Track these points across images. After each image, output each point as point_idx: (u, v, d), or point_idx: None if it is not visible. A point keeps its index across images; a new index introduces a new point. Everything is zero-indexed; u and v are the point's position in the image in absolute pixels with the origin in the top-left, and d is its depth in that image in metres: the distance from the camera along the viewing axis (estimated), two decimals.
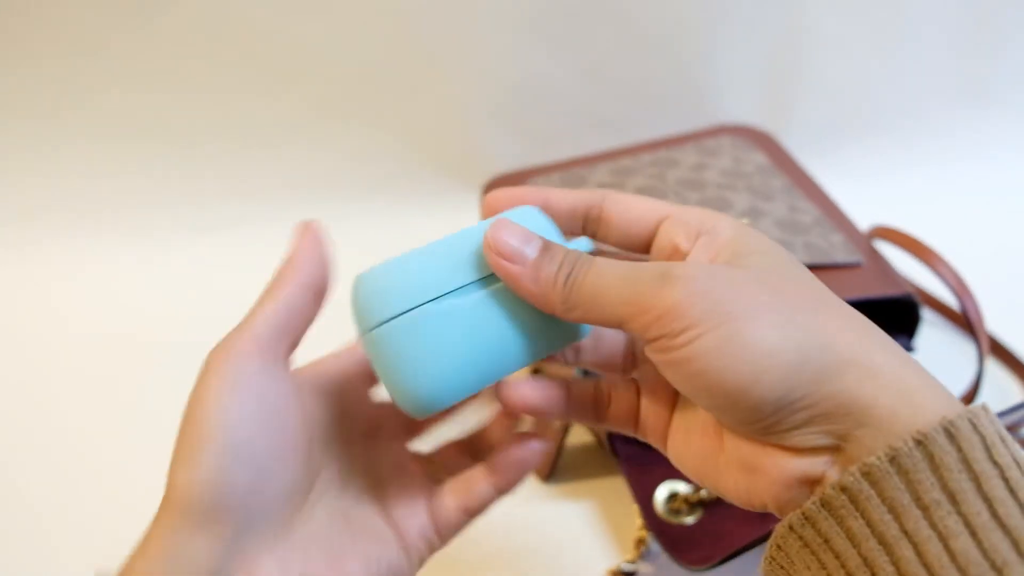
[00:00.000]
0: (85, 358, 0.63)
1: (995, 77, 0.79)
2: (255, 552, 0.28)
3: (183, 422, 0.28)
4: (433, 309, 0.28)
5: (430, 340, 0.28)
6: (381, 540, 0.31)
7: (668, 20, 0.72)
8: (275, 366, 0.29)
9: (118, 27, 0.67)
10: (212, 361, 0.28)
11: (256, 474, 0.27)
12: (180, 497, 0.27)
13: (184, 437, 0.28)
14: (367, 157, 0.76)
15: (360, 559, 0.30)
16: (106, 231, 0.73)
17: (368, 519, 0.32)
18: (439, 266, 0.29)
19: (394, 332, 0.28)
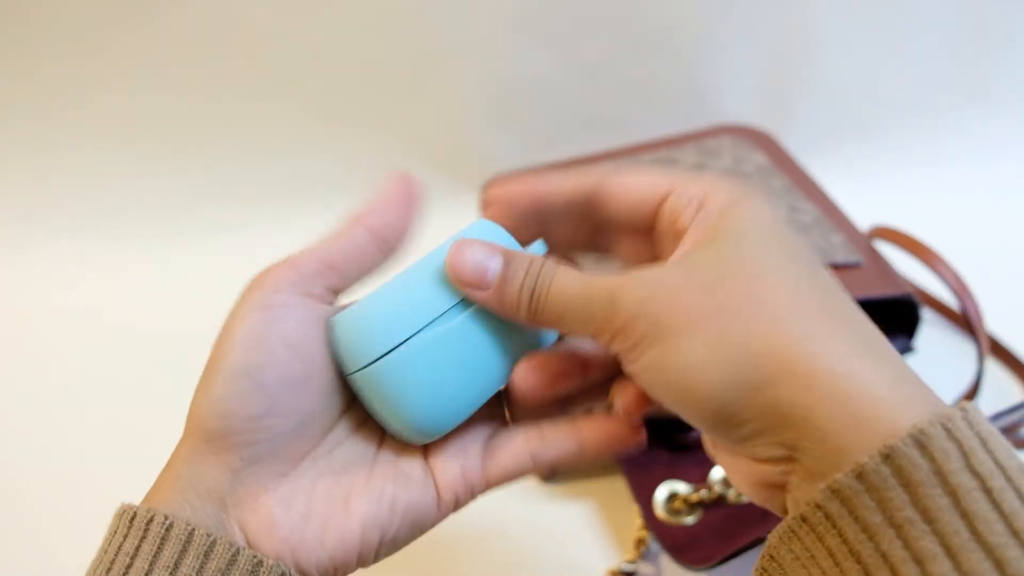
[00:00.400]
0: (87, 359, 0.63)
1: (995, 77, 0.79)
2: (261, 485, 0.28)
3: (210, 353, 0.28)
4: (420, 341, 0.28)
5: (423, 371, 0.28)
6: (404, 480, 0.29)
7: (668, 20, 0.72)
8: (309, 298, 0.29)
9: (118, 29, 0.67)
10: (247, 287, 0.29)
11: (265, 404, 0.27)
12: (192, 422, 0.28)
13: (205, 369, 0.28)
14: (367, 157, 0.76)
15: (369, 498, 0.29)
16: (106, 233, 0.73)
17: (398, 459, 0.30)
18: (416, 297, 0.29)
19: (385, 370, 0.28)
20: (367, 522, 0.28)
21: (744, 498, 0.49)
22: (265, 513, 0.28)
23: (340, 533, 0.28)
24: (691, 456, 0.51)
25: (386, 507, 0.29)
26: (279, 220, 0.75)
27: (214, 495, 0.27)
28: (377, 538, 0.29)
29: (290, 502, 0.28)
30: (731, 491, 0.49)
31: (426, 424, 0.29)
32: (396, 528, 0.29)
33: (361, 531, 0.28)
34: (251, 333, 0.27)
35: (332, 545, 0.28)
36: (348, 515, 0.28)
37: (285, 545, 0.27)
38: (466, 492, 0.30)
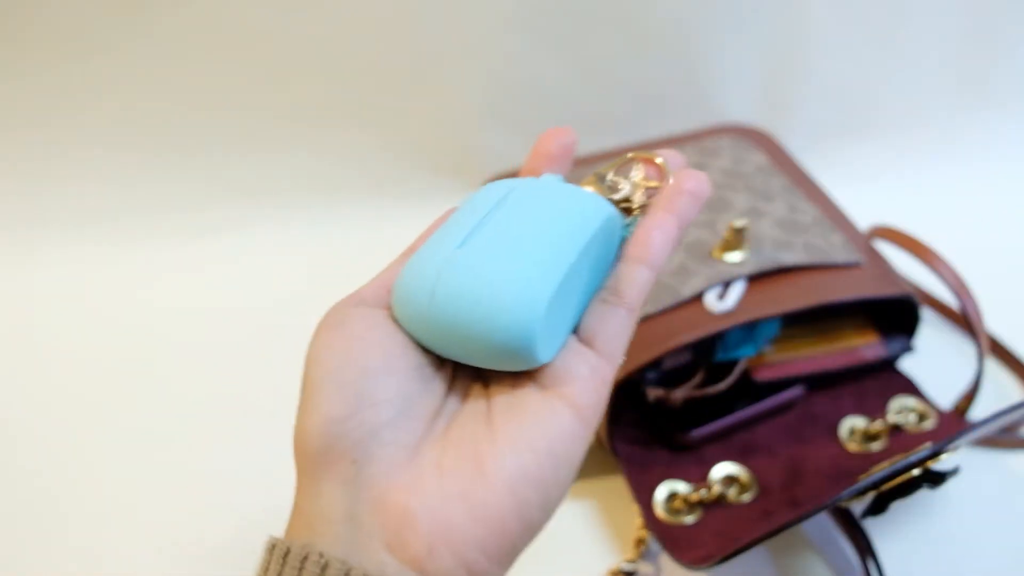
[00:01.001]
0: (87, 359, 0.63)
1: (995, 77, 0.79)
2: (383, 484, 0.26)
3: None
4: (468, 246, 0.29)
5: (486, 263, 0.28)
6: (532, 417, 0.27)
7: (668, 20, 0.72)
8: (380, 309, 0.29)
9: (119, 30, 0.67)
10: (319, 327, 0.29)
11: (353, 400, 0.26)
12: (296, 456, 0.27)
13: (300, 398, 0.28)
14: (367, 157, 0.76)
15: (502, 454, 0.26)
16: (106, 234, 0.73)
17: (514, 402, 0.28)
18: (442, 234, 0.30)
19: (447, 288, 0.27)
20: (514, 479, 0.26)
21: (744, 497, 0.49)
22: (398, 510, 0.26)
23: (488, 502, 0.26)
24: (691, 456, 0.51)
25: (526, 455, 0.26)
26: (279, 220, 0.75)
27: (340, 514, 0.26)
28: (531, 491, 0.26)
29: (421, 490, 0.26)
30: (731, 491, 0.49)
31: (512, 324, 0.27)
32: (550, 472, 0.26)
33: (510, 491, 0.26)
34: (322, 347, 0.27)
35: (485, 517, 0.26)
36: (488, 481, 0.26)
37: (433, 536, 0.25)
38: (596, 383, 0.28)
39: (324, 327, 0.28)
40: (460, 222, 0.29)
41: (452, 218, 0.30)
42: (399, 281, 0.29)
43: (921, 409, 0.54)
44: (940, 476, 0.42)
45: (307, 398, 0.27)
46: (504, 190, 0.31)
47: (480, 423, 0.28)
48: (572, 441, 0.27)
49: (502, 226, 0.29)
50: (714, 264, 0.51)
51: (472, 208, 0.30)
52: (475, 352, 0.28)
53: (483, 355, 0.28)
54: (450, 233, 0.29)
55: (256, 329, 0.65)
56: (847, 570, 0.48)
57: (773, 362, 0.53)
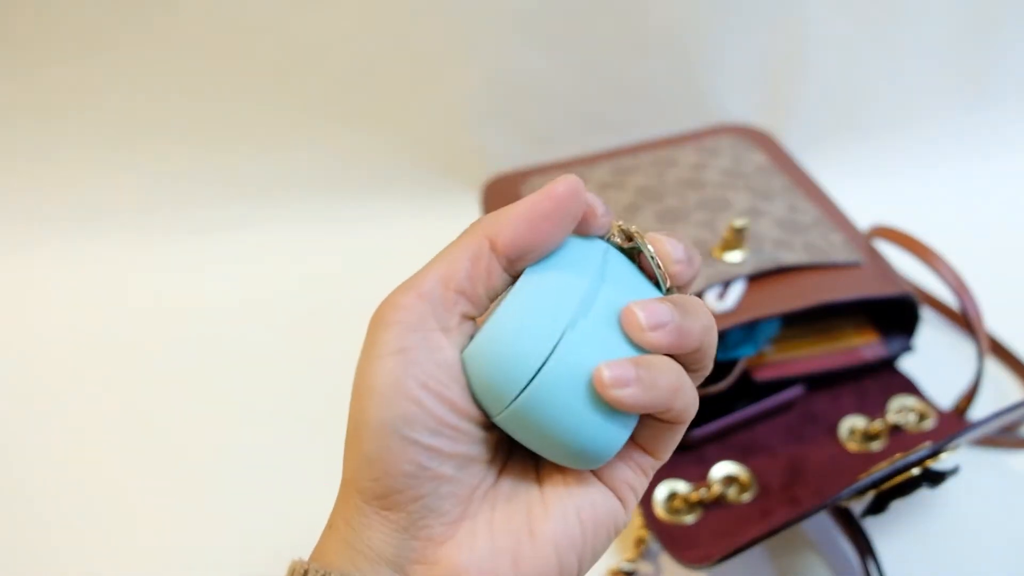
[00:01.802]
0: (87, 359, 0.63)
1: (995, 77, 0.79)
2: (436, 536, 0.26)
3: (350, 403, 0.26)
4: (556, 361, 0.25)
5: (571, 391, 0.25)
6: (581, 492, 0.27)
7: (668, 20, 0.72)
8: (443, 332, 0.26)
9: (118, 29, 0.67)
10: (375, 321, 0.26)
11: (421, 456, 0.25)
12: (349, 482, 0.26)
13: (349, 423, 0.26)
14: (367, 157, 0.76)
15: (554, 520, 0.27)
16: (106, 232, 0.73)
17: (565, 472, 0.28)
18: (539, 311, 0.26)
19: (529, 404, 0.25)
20: (560, 544, 0.27)
21: (744, 497, 0.49)
22: (449, 563, 0.26)
23: (535, 563, 0.26)
24: (690, 455, 0.51)
25: (574, 524, 0.27)
26: (280, 219, 0.75)
27: (386, 558, 0.26)
28: (575, 558, 0.27)
29: (472, 545, 0.26)
30: (731, 490, 0.49)
31: (595, 444, 0.26)
32: (591, 542, 0.27)
33: (556, 555, 0.26)
34: (390, 382, 0.25)
35: (537, 564, 0.26)
36: (537, 542, 0.26)
37: None
38: (640, 477, 0.28)
39: (389, 350, 0.25)
40: (561, 287, 0.26)
41: (548, 275, 0.26)
42: (489, 338, 0.26)
43: (921, 409, 0.54)
44: (940, 475, 0.42)
45: (365, 432, 0.25)
46: (599, 254, 0.28)
47: (532, 481, 0.28)
48: (614, 518, 0.28)
49: (604, 313, 0.26)
50: (714, 264, 0.51)
51: (573, 268, 0.27)
52: (546, 454, 0.27)
53: (552, 450, 0.27)
54: (551, 303, 0.26)
55: (256, 328, 0.65)
56: (847, 570, 0.48)
57: (773, 362, 0.53)
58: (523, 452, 0.29)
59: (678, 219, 0.55)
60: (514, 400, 0.25)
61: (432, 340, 0.26)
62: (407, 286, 0.26)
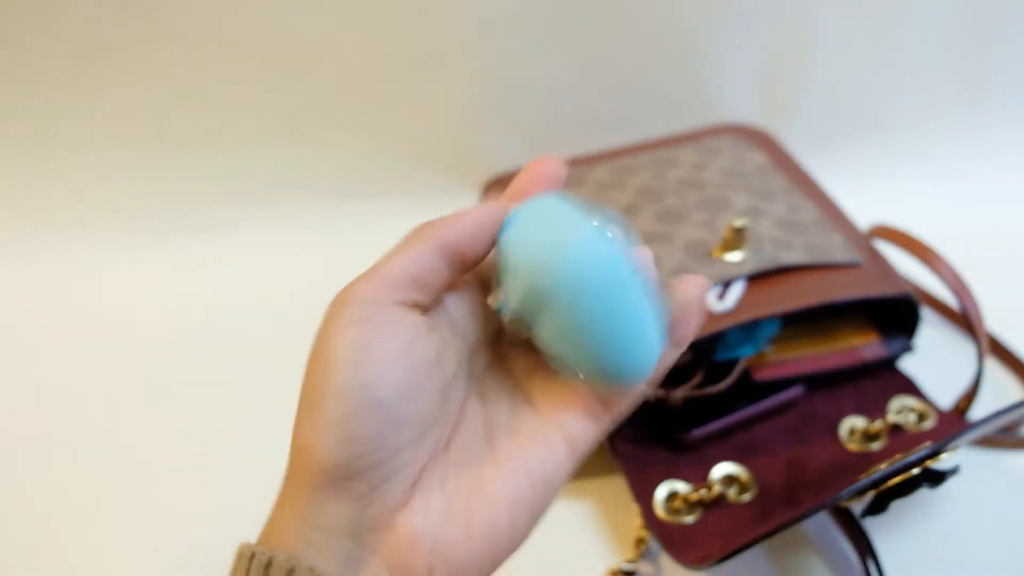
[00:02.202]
0: (87, 359, 0.63)
1: (995, 77, 0.79)
2: (393, 504, 0.26)
3: (305, 376, 0.26)
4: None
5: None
6: (532, 446, 0.29)
7: (668, 20, 0.72)
8: (403, 307, 0.27)
9: (118, 31, 0.67)
10: (335, 303, 0.27)
11: (387, 421, 0.26)
12: (304, 457, 0.26)
13: (305, 394, 0.26)
14: (367, 157, 0.76)
15: (504, 478, 0.28)
16: (106, 233, 0.73)
17: (515, 430, 0.29)
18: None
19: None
20: (512, 502, 0.27)
21: (744, 497, 0.49)
22: (405, 531, 0.26)
23: (487, 522, 0.27)
24: (691, 455, 0.51)
25: (524, 482, 0.28)
26: (280, 219, 0.75)
27: (343, 529, 0.26)
28: (526, 515, 0.28)
29: (426, 509, 0.27)
30: (731, 490, 0.49)
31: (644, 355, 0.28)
32: (540, 498, 0.28)
33: (508, 514, 0.27)
34: (356, 348, 0.25)
35: (481, 537, 0.27)
36: (489, 502, 0.27)
37: (434, 555, 0.26)
38: (594, 429, 0.30)
39: (352, 320, 0.26)
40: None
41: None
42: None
43: (921, 409, 0.54)
44: (940, 475, 0.42)
45: (329, 400, 0.25)
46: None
47: (481, 443, 0.29)
48: (563, 470, 0.29)
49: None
50: (714, 264, 0.51)
51: None
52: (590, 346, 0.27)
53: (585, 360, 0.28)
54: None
55: (257, 328, 0.65)
56: (847, 570, 0.48)
57: (773, 362, 0.53)
58: (473, 415, 0.30)
59: (678, 219, 0.55)
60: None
61: (392, 311, 0.26)
62: (366, 273, 0.27)
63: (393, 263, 0.27)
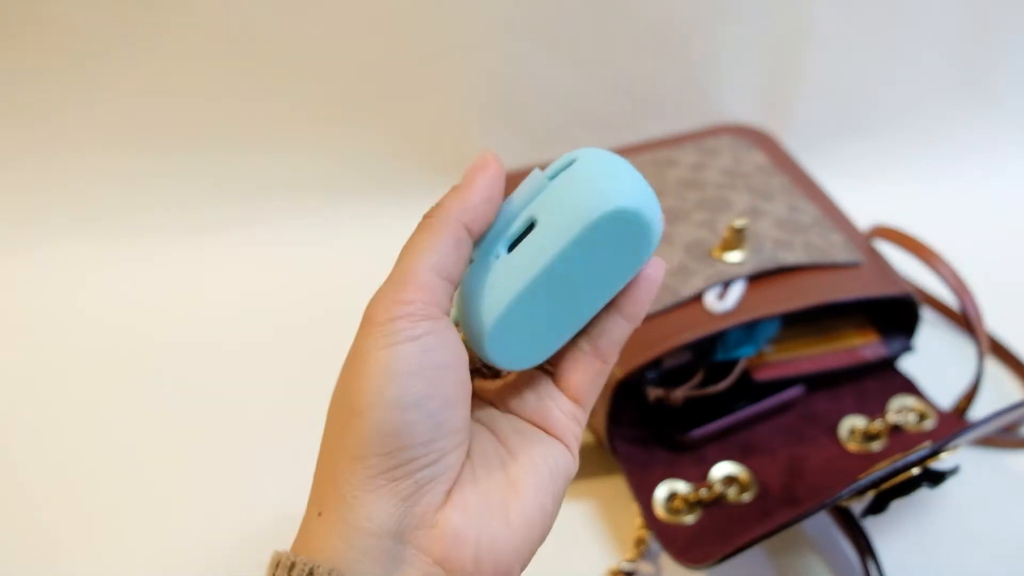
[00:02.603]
0: (86, 358, 0.63)
1: (995, 77, 0.79)
2: (436, 502, 0.28)
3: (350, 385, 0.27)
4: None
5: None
6: (539, 446, 0.30)
7: (668, 20, 0.72)
8: (445, 317, 0.28)
9: (118, 30, 0.67)
10: (379, 314, 0.27)
11: (436, 429, 0.27)
12: (355, 458, 0.27)
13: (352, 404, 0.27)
14: (367, 157, 0.76)
15: (528, 472, 0.30)
16: (105, 232, 0.73)
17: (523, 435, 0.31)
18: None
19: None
20: (539, 492, 0.29)
21: (744, 497, 0.49)
22: (448, 525, 0.28)
23: (521, 512, 0.29)
24: (690, 455, 0.51)
25: (543, 471, 0.30)
26: (280, 219, 0.75)
27: (388, 529, 0.27)
28: (551, 503, 0.30)
29: (465, 506, 0.28)
30: (731, 490, 0.49)
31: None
32: (557, 488, 0.30)
33: (538, 501, 0.29)
34: (409, 364, 0.27)
35: (519, 527, 0.29)
36: (521, 494, 0.29)
37: (479, 547, 0.28)
38: (577, 423, 0.32)
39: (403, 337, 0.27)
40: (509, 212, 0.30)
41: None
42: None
43: (921, 409, 0.54)
44: (939, 475, 0.42)
45: (381, 419, 0.26)
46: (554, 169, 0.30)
47: (496, 443, 0.31)
48: (567, 467, 0.31)
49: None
50: (714, 264, 0.51)
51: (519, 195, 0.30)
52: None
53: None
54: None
55: (255, 328, 0.65)
56: (847, 570, 0.48)
57: (773, 362, 0.53)
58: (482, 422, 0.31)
59: (678, 219, 0.55)
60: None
61: (439, 326, 0.27)
62: (401, 281, 0.28)
63: (421, 264, 0.28)
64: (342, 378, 0.28)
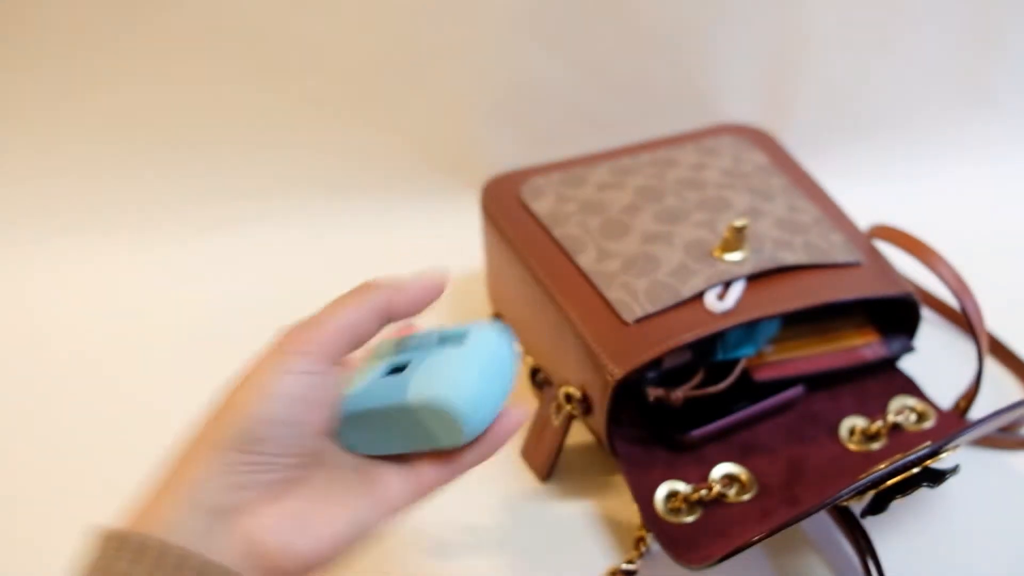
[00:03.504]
0: (86, 358, 0.63)
1: (995, 77, 0.79)
2: (268, 498, 0.32)
3: (238, 385, 0.33)
4: None
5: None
6: (367, 500, 0.35)
7: (668, 20, 0.72)
8: (335, 367, 0.34)
9: (118, 26, 0.67)
10: (279, 349, 0.33)
11: (298, 445, 0.33)
12: (219, 448, 0.31)
13: (236, 399, 0.32)
14: (367, 157, 0.76)
15: (345, 514, 0.34)
16: (105, 230, 0.73)
17: (363, 484, 0.36)
18: None
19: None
20: (347, 529, 0.34)
21: (744, 497, 0.49)
22: (267, 520, 0.32)
23: (326, 533, 0.34)
24: (690, 456, 0.51)
25: (352, 517, 0.35)
26: (279, 218, 0.75)
27: (220, 507, 0.31)
28: (346, 543, 0.34)
29: (286, 513, 0.33)
30: (731, 490, 0.49)
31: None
32: (357, 535, 0.35)
33: (342, 535, 0.34)
34: (290, 392, 0.32)
35: (317, 547, 0.33)
36: (331, 520, 0.34)
37: (280, 544, 0.32)
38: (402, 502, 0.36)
39: (297, 370, 0.32)
40: None
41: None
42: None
43: (921, 409, 0.54)
44: (939, 475, 0.42)
45: (255, 420, 0.31)
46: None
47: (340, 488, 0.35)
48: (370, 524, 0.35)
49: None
50: (714, 264, 0.51)
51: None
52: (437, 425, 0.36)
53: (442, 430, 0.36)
54: None
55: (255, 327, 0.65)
56: (847, 569, 0.48)
57: (773, 362, 0.53)
58: (339, 466, 0.36)
59: (678, 219, 0.55)
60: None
61: (327, 371, 0.33)
62: (316, 326, 0.33)
63: (337, 322, 0.33)
64: (236, 380, 0.33)
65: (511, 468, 0.54)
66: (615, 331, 0.48)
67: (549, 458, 0.52)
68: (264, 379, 0.32)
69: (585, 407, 0.50)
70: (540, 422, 0.53)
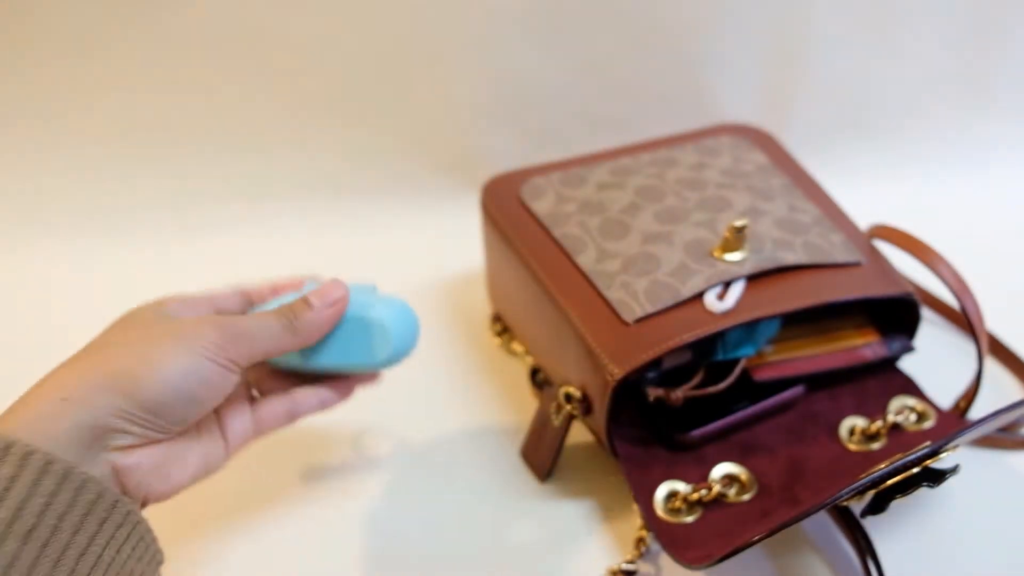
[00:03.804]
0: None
1: (995, 77, 0.79)
2: (141, 440, 0.37)
3: (164, 349, 0.38)
4: None
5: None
6: (212, 444, 0.42)
7: (668, 20, 0.72)
8: (234, 365, 0.40)
9: (117, 28, 0.67)
10: (208, 333, 0.39)
11: (187, 411, 0.38)
12: (129, 399, 0.36)
13: (158, 364, 0.37)
14: (367, 157, 0.76)
15: (196, 457, 0.41)
16: (104, 231, 0.73)
17: (212, 431, 0.43)
18: None
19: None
20: (196, 471, 0.41)
21: (744, 497, 0.49)
22: (134, 460, 0.37)
23: (179, 478, 0.40)
24: (690, 455, 0.51)
25: (203, 461, 0.41)
26: (278, 218, 0.75)
27: (96, 435, 0.35)
28: (194, 482, 0.41)
29: (151, 461, 0.38)
30: (731, 490, 0.49)
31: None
32: (205, 475, 0.42)
33: (191, 477, 0.41)
34: (202, 375, 0.38)
35: (171, 485, 0.40)
36: (185, 467, 0.40)
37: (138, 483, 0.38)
38: (244, 442, 0.44)
39: (205, 355, 0.38)
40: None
41: None
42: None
43: (921, 409, 0.54)
44: (940, 474, 0.42)
45: (171, 390, 0.37)
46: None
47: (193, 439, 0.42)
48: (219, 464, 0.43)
49: None
50: (714, 263, 0.51)
51: None
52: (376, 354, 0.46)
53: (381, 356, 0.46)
54: None
55: None
56: (847, 569, 0.48)
57: (773, 362, 0.53)
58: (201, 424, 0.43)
59: (678, 219, 0.55)
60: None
61: (232, 369, 0.39)
62: (238, 333, 0.40)
63: (253, 341, 0.40)
64: (162, 332, 0.38)
65: (511, 468, 0.54)
66: (615, 331, 0.48)
67: (549, 458, 0.52)
68: (184, 356, 0.37)
69: (585, 407, 0.50)
70: (540, 422, 0.53)
